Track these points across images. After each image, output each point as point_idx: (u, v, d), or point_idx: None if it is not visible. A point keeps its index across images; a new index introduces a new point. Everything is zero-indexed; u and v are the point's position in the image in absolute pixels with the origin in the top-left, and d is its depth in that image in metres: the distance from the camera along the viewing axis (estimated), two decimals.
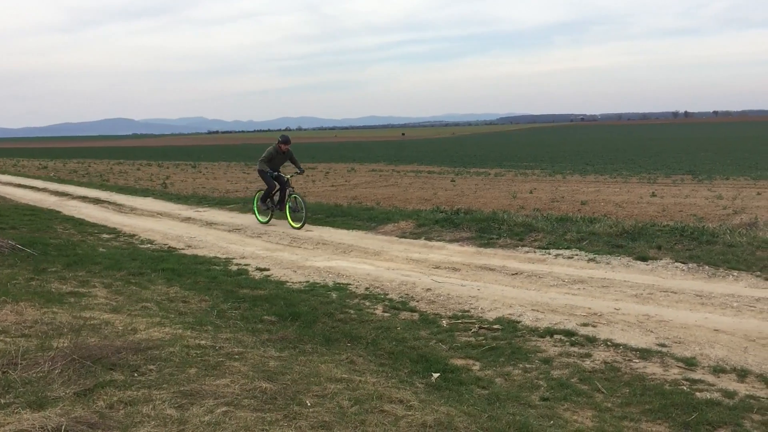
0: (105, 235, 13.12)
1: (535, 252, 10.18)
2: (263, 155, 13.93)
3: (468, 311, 7.25)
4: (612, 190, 20.62)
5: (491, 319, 6.89)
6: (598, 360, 5.63)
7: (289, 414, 4.02)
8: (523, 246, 10.59)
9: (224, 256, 10.65)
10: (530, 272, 8.92)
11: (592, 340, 6.11)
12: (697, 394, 4.83)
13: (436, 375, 5.26)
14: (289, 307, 7.24)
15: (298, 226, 13.16)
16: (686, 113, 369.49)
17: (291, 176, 13.91)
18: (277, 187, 13.83)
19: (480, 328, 6.61)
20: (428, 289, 8.19)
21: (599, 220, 11.85)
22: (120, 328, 5.86)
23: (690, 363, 5.47)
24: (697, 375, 5.22)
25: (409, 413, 4.16)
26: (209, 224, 14.52)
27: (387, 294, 8.05)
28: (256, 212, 14.32)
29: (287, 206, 13.55)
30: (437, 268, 9.46)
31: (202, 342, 5.53)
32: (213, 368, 4.86)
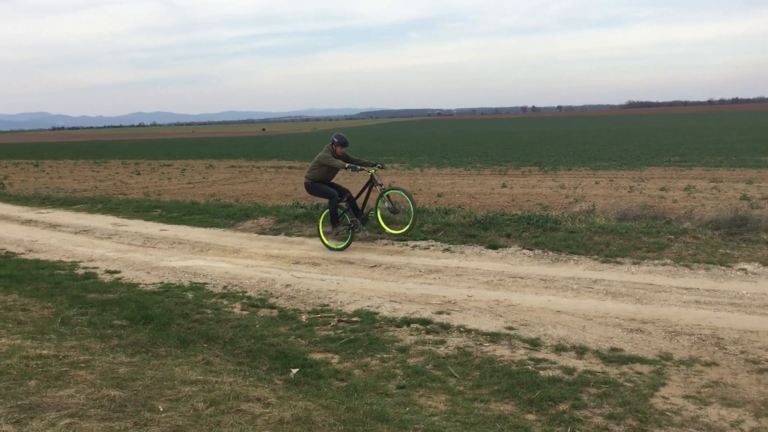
0: None
1: (393, 244, 10.41)
2: (311, 165, 10.71)
3: (327, 305, 7.29)
4: (466, 182, 21.43)
5: (350, 312, 6.96)
6: (452, 346, 5.85)
7: (140, 421, 3.87)
8: (382, 239, 10.78)
9: (70, 260, 10.02)
10: (389, 264, 9.10)
11: (446, 327, 6.34)
12: (541, 372, 5.15)
13: (294, 371, 5.25)
14: (141, 310, 6.95)
15: (400, 231, 10.30)
16: (534, 108, 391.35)
17: (375, 170, 10.52)
18: (342, 194, 10.56)
19: (339, 321, 6.67)
20: (288, 285, 8.15)
21: (454, 211, 12.30)
22: None
23: (535, 343, 5.81)
24: (541, 354, 5.56)
25: (267, 411, 4.14)
26: (53, 226, 13.60)
27: (246, 292, 7.92)
28: (323, 237, 10.59)
29: (378, 207, 10.50)
30: (297, 263, 9.43)
31: (44, 352, 5.19)
32: (56, 379, 4.58)
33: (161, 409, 4.08)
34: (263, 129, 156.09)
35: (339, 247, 10.23)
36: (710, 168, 24.39)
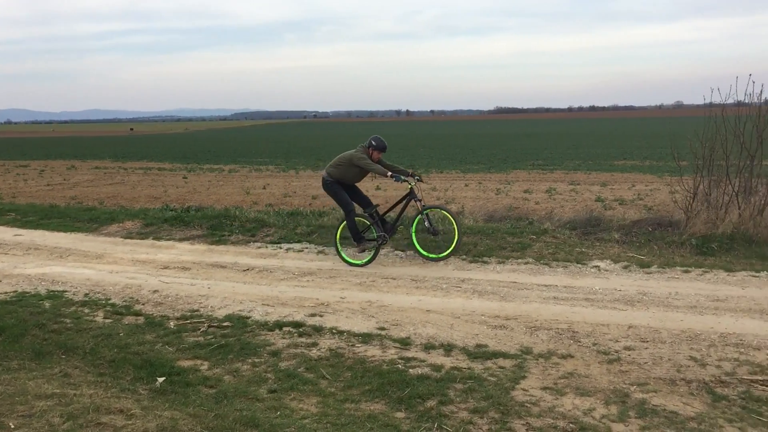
0: None
1: (267, 247, 10.30)
2: (338, 160, 9.43)
3: (197, 310, 7.10)
4: None
5: (221, 317, 6.82)
6: (324, 348, 5.86)
7: None
8: (255, 242, 10.64)
9: None
10: (262, 267, 8.99)
11: (318, 330, 6.34)
12: (411, 370, 5.27)
13: (161, 379, 5.07)
14: None
15: (440, 255, 9.03)
16: (408, 112, 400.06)
17: (414, 184, 9.24)
18: (366, 207, 9.46)
19: (209, 326, 6.51)
20: (155, 291, 7.87)
21: (328, 213, 12.34)
22: None
23: (405, 343, 5.94)
24: (410, 353, 5.68)
25: (130, 422, 3.98)
26: None
27: (109, 299, 7.56)
28: (341, 252, 9.39)
29: (414, 226, 9.31)
30: (166, 268, 9.12)
31: None
32: None
33: (12, 426, 3.83)
34: (131, 129, 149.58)
35: (361, 261, 9.11)
36: (569, 171, 25.96)
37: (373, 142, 9.25)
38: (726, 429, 4.25)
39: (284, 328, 6.41)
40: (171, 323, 6.65)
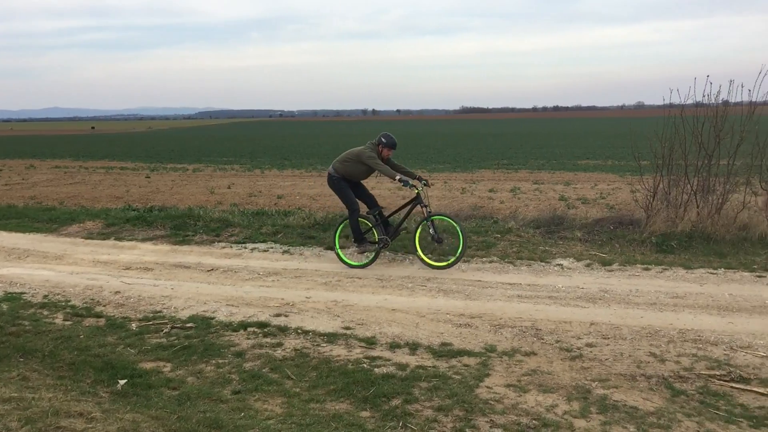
0: None
1: (231, 247, 10.21)
2: (345, 156, 9.18)
3: (160, 312, 7.01)
4: (307, 184, 21.48)
5: (185, 318, 6.74)
6: (289, 348, 5.84)
7: None
8: (219, 242, 10.55)
9: None
10: (226, 267, 8.92)
11: (284, 330, 6.31)
12: (376, 369, 5.27)
13: (122, 382, 5.00)
14: None
15: (443, 264, 8.58)
16: (374, 111, 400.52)
17: (421, 189, 8.85)
18: (372, 206, 9.18)
19: (173, 327, 6.44)
20: (117, 292, 7.75)
21: (293, 212, 12.31)
22: None
23: (370, 342, 5.94)
24: (376, 352, 5.69)
25: (90, 426, 3.92)
26: None
27: (69, 300, 7.43)
28: (339, 252, 9.14)
29: (417, 234, 8.89)
30: (128, 269, 8.99)
31: None
32: None
33: None
34: (92, 127, 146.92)
35: (360, 264, 8.86)
36: (534, 171, 26.22)
37: (383, 139, 8.94)
38: (684, 423, 4.34)
39: (249, 329, 6.36)
40: (133, 325, 6.56)
